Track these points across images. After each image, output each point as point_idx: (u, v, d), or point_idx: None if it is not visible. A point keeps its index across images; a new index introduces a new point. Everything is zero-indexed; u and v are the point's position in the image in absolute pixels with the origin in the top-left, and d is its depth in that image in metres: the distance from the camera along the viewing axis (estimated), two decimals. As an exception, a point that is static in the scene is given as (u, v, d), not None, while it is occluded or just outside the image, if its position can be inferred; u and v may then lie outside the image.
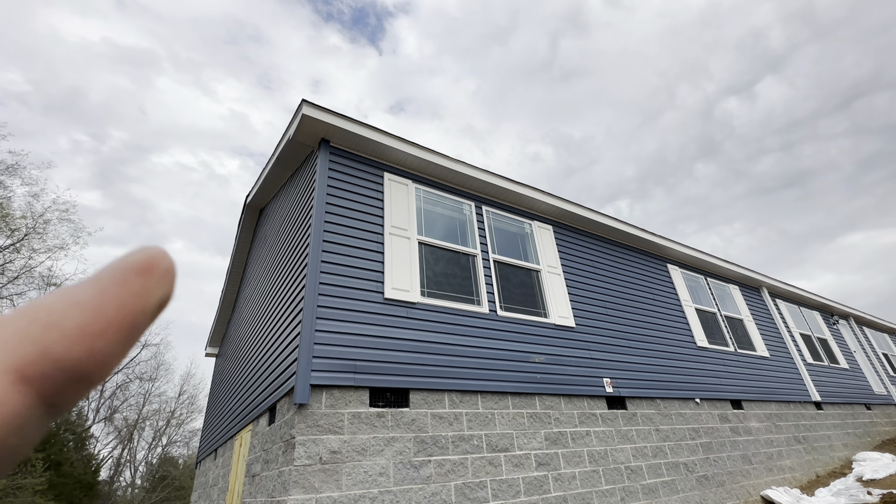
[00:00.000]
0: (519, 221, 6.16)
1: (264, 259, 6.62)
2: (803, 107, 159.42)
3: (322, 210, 4.36)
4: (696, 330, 7.41)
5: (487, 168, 5.98)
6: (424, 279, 4.71)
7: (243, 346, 6.98)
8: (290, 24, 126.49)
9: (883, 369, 12.49)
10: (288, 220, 5.49)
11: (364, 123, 4.90)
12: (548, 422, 4.66)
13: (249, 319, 6.93)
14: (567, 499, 4.31)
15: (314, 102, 4.63)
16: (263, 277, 6.40)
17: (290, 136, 4.86)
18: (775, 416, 7.52)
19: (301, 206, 4.98)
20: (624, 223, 7.32)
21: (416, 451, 3.74)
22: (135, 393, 22.98)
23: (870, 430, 9.81)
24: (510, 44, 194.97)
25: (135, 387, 22.81)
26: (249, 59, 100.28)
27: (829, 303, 12.01)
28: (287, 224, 5.48)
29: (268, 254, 6.39)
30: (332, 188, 4.59)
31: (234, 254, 8.58)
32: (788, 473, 6.90)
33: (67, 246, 16.29)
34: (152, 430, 24.28)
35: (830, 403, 9.16)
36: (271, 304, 5.39)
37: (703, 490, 5.50)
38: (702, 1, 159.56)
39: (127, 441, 22.62)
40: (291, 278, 4.65)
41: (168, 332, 46.04)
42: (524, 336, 5.04)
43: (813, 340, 10.38)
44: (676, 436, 5.74)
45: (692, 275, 8.48)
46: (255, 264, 7.54)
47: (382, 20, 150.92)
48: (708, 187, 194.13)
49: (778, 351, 8.91)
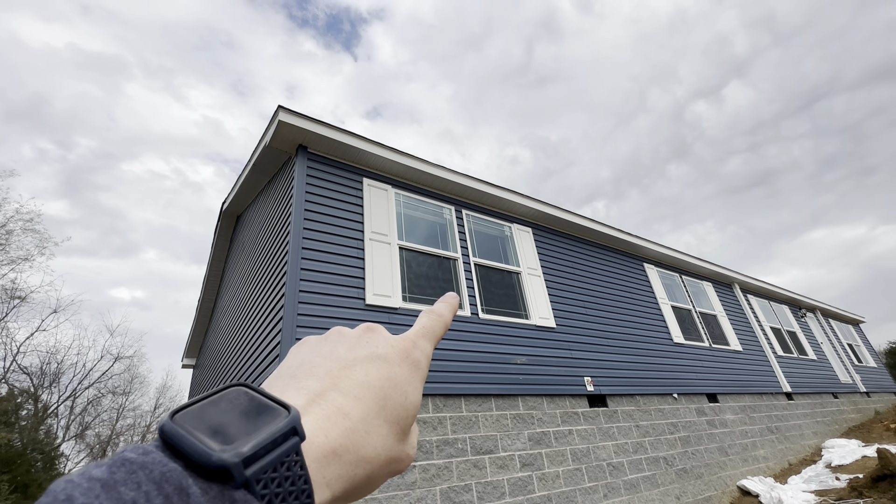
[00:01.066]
0: (499, 224, 6.23)
1: (242, 267, 6.50)
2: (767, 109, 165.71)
3: (301, 217, 4.32)
4: (673, 327, 7.62)
5: (467, 172, 6.06)
6: (406, 284, 4.71)
7: (222, 356, 6.83)
8: (263, 30, 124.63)
9: (848, 359, 13.07)
10: (266, 227, 5.41)
11: (342, 129, 4.88)
12: (531, 422, 4.72)
13: (228, 329, 6.79)
14: (551, 498, 4.37)
15: (290, 108, 4.58)
16: (242, 286, 6.28)
17: (267, 142, 4.80)
18: (749, 408, 7.78)
19: (279, 213, 4.92)
20: (601, 224, 7.47)
21: (400, 457, 3.73)
22: (107, 408, 22.12)
23: (837, 417, 10.25)
24: (485, 49, 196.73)
25: (107, 401, 21.97)
26: (222, 65, 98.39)
27: (797, 297, 12.50)
28: (265, 231, 5.40)
29: (246, 261, 6.27)
30: (311, 194, 4.55)
31: (211, 262, 8.39)
32: (763, 463, 7.14)
33: (32, 257, 15.64)
34: (127, 446, 23.40)
35: (800, 394, 9.52)
36: (250, 312, 5.29)
37: (682, 483, 5.64)
38: (670, 7, 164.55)
39: (100, 458, 21.72)
40: (271, 286, 4.59)
41: (142, 343, 44.57)
42: (506, 338, 5.09)
43: (783, 333, 10.79)
44: (656, 431, 5.88)
45: (668, 273, 8.71)
46: (232, 272, 7.39)
47: (357, 26, 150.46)
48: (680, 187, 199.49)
49: (750, 345, 9.23)
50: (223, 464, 0.19)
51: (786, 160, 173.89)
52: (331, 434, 0.25)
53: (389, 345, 0.32)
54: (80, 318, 37.75)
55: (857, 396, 11.97)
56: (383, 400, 0.28)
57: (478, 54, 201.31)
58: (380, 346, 0.32)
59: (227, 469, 0.19)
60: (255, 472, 0.20)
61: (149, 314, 43.93)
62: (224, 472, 0.19)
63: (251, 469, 0.20)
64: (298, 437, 0.22)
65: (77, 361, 20.50)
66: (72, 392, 19.84)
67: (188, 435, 0.20)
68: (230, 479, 0.19)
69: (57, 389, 19.50)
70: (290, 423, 0.22)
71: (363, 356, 0.30)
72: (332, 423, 0.25)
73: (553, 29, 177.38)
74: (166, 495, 0.17)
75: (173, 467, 0.18)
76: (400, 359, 0.31)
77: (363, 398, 0.28)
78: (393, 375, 0.30)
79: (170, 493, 0.17)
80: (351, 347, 0.31)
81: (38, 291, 16.69)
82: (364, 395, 0.28)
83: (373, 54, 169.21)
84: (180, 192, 64.20)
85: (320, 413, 0.25)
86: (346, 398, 0.27)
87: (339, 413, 0.26)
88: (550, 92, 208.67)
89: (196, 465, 0.19)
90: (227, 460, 0.19)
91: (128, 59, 63.55)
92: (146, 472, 0.17)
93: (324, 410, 0.26)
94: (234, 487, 0.19)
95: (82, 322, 39.58)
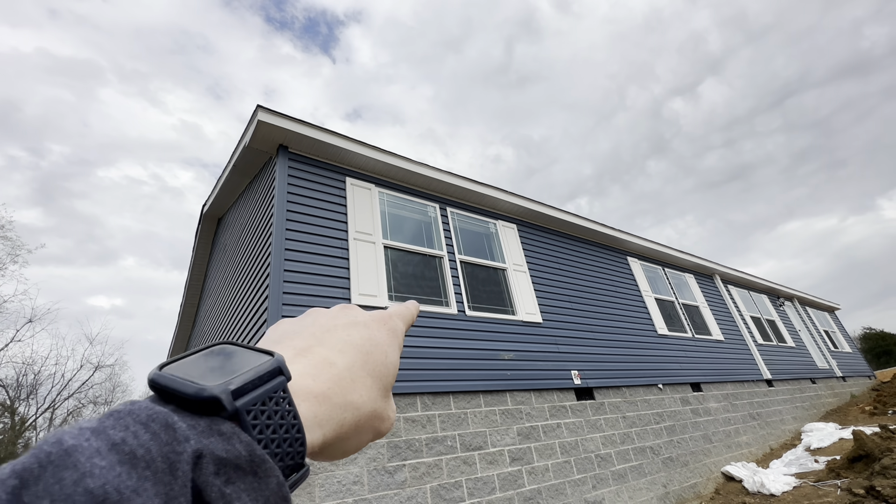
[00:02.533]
0: (484, 221, 6.24)
1: (225, 270, 6.39)
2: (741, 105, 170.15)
3: (283, 217, 4.27)
4: (657, 318, 7.75)
5: (450, 170, 6.07)
6: (392, 283, 4.69)
7: (206, 362, 6.71)
8: (240, 34, 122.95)
9: (825, 345, 13.48)
10: (248, 228, 5.33)
11: (323, 128, 4.83)
12: (519, 417, 4.75)
13: (212, 332, 6.67)
14: (541, 491, 4.41)
15: (270, 108, 4.52)
16: (225, 289, 6.18)
17: (247, 142, 4.72)
18: (731, 396, 7.97)
19: (261, 215, 4.84)
20: (585, 219, 7.55)
21: (389, 457, 3.72)
22: (89, 419, 21.59)
23: (815, 402, 10.57)
24: (466, 49, 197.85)
25: (89, 412, 21.42)
26: (199, 69, 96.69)
27: (776, 286, 12.84)
28: (247, 233, 5.32)
29: (228, 264, 6.17)
30: (293, 195, 4.49)
31: (193, 266, 8.23)
32: (745, 449, 7.32)
33: (4, 265, 15.14)
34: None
35: (780, 380, 9.79)
36: (234, 315, 5.21)
37: (668, 471, 5.75)
38: (645, 7, 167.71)
39: (82, 470, 21.16)
40: (254, 288, 4.52)
41: (123, 351, 43.56)
42: (493, 334, 5.11)
43: (762, 322, 11.07)
44: (642, 421, 5.98)
45: (651, 266, 8.85)
46: (215, 276, 7.26)
47: (334, 29, 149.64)
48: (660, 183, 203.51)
49: (731, 334, 9.45)
50: (213, 395, 0.20)
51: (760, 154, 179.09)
52: (319, 378, 0.27)
53: (367, 314, 0.36)
54: (57, 328, 36.73)
55: (834, 381, 12.36)
56: (366, 356, 0.31)
57: (458, 55, 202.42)
58: (358, 315, 0.35)
59: (218, 400, 0.20)
60: (245, 403, 0.21)
61: (130, 322, 42.93)
62: (214, 406, 0.20)
63: (241, 400, 0.21)
64: (284, 377, 0.24)
65: (55, 372, 19.95)
66: (51, 403, 19.29)
67: (178, 378, 0.21)
68: (221, 411, 0.20)
69: (35, 401, 18.94)
70: (274, 363, 0.24)
71: (343, 322, 0.33)
72: (318, 369, 0.27)
73: (532, 28, 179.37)
74: (153, 432, 0.18)
75: (160, 409, 0.19)
76: (378, 325, 0.34)
77: (347, 352, 0.30)
78: (373, 336, 0.33)
79: (157, 430, 0.18)
80: (331, 318, 0.34)
81: (12, 301, 16.17)
82: (347, 349, 0.30)
83: (351, 57, 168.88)
84: (159, 197, 62.94)
85: (307, 362, 0.28)
86: (330, 351, 0.29)
87: (326, 362, 0.28)
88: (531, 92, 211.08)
89: (187, 402, 0.20)
90: (216, 392, 0.20)
91: (101, 64, 61.96)
92: (133, 416, 0.18)
93: (310, 360, 0.28)
94: (224, 419, 0.20)
95: (60, 332, 38.48)
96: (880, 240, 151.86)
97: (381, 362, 0.32)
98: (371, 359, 0.31)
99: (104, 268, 45.31)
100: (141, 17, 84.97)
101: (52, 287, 35.73)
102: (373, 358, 0.31)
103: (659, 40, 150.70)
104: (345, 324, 0.33)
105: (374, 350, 0.32)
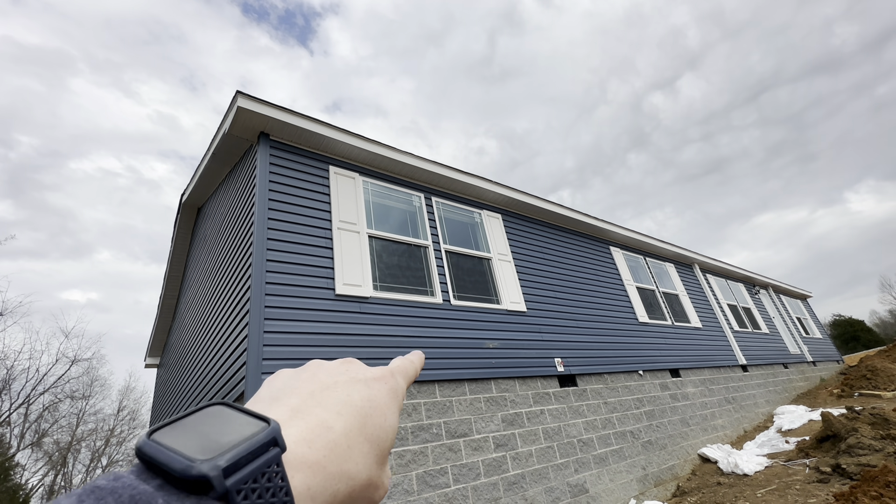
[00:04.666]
0: (469, 211, 6.25)
1: (205, 261, 6.26)
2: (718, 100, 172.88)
3: (265, 207, 4.19)
4: (638, 307, 7.91)
5: (435, 159, 6.06)
6: (377, 273, 4.67)
7: (188, 353, 6.61)
8: (216, 24, 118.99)
9: (797, 331, 13.99)
10: (229, 218, 5.22)
11: (305, 115, 4.73)
12: (504, 404, 4.82)
13: (193, 325, 6.56)
14: (525, 476, 4.50)
15: (250, 94, 4.41)
16: (205, 280, 6.06)
17: (227, 129, 4.60)
18: (708, 381, 8.22)
19: (242, 204, 4.75)
20: (569, 209, 7.62)
21: (375, 445, 3.74)
22: (66, 413, 21.06)
23: (787, 386, 10.99)
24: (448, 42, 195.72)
25: (66, 406, 20.91)
26: (174, 59, 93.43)
27: (752, 275, 13.22)
28: (228, 223, 5.21)
29: (208, 255, 6.05)
30: (275, 183, 4.41)
31: (172, 258, 8.04)
32: (721, 431, 7.59)
33: (-28, 257, 14.54)
34: (89, 452, 22.41)
35: (754, 365, 10.14)
36: (216, 307, 5.13)
37: (647, 454, 5.93)
38: (626, 2, 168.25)
39: (60, 466, 20.75)
40: (236, 279, 4.45)
41: (100, 345, 42.52)
42: (478, 323, 5.15)
43: (738, 310, 11.41)
44: (623, 407, 6.14)
45: (633, 255, 9.01)
46: (195, 267, 7.11)
47: (311, 21, 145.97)
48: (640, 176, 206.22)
49: (709, 321, 9.72)
50: (203, 475, 0.19)
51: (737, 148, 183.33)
52: (314, 445, 0.25)
53: (369, 371, 0.34)
54: (30, 322, 35.61)
55: (805, 366, 12.86)
56: (364, 419, 0.29)
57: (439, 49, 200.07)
58: (359, 372, 0.33)
59: (208, 480, 0.19)
60: (236, 482, 0.20)
61: (107, 316, 41.81)
62: (204, 485, 0.19)
63: (231, 479, 0.20)
64: (279, 448, 0.22)
65: (29, 366, 19.40)
66: (25, 398, 18.75)
67: (166, 450, 0.20)
68: (210, 490, 0.19)
69: (8, 396, 18.39)
70: (269, 434, 0.22)
71: (344, 380, 0.31)
72: (315, 434, 0.26)
73: (515, 21, 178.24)
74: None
75: (144, 489, 0.18)
76: (379, 384, 0.33)
77: (345, 414, 0.28)
78: (373, 397, 0.31)
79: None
80: (331, 373, 0.32)
81: (-19, 294, 15.57)
82: (346, 411, 0.28)
83: (329, 49, 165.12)
84: (135, 190, 61.03)
85: (303, 425, 0.26)
86: (328, 413, 0.28)
87: (323, 426, 0.26)
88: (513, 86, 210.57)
89: (176, 480, 0.19)
90: (206, 471, 0.19)
91: (71, 54, 59.39)
92: (115, 496, 0.17)
93: (307, 423, 0.26)
94: (213, 499, 0.19)
95: (33, 326, 37.33)
96: (847, 231, 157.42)
97: (379, 426, 0.30)
98: (370, 422, 0.29)
99: (78, 262, 43.94)
100: (110, 5, 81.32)
101: (24, 281, 34.53)
102: (371, 421, 0.29)
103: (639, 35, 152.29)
104: (345, 381, 0.31)
105: (373, 413, 0.30)
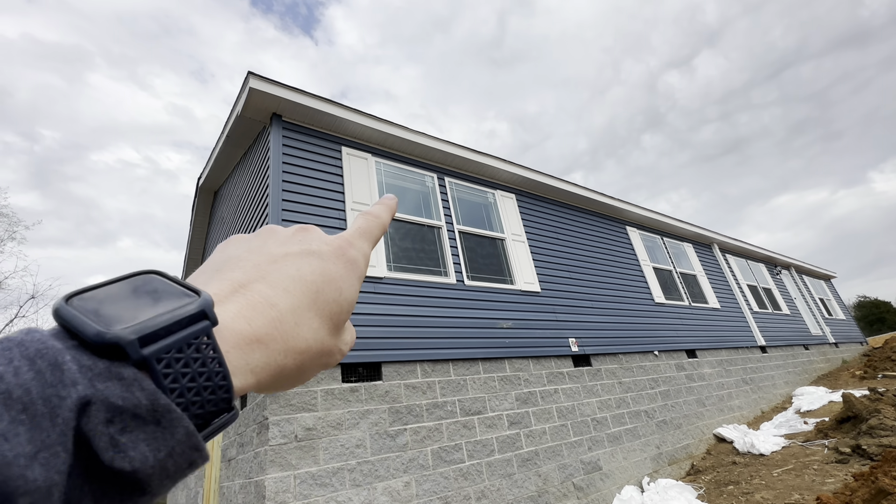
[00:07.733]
0: (482, 191, 6.19)
1: (223, 243, 6.37)
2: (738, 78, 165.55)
3: (279, 188, 4.22)
4: (654, 287, 7.81)
5: (448, 139, 5.95)
6: (391, 254, 4.69)
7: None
8: (224, 16, 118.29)
9: (819, 313, 13.67)
10: (244, 200, 5.28)
11: (317, 96, 4.71)
12: (518, 383, 4.85)
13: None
14: (538, 453, 4.56)
15: (261, 75, 4.39)
16: (223, 262, 6.18)
17: (239, 111, 4.61)
18: (726, 362, 8.13)
19: (257, 185, 4.79)
20: (584, 188, 7.49)
21: (391, 422, 3.83)
22: None
23: (807, 367, 10.80)
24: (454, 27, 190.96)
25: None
26: (186, 52, 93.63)
27: (773, 255, 12.89)
28: (244, 204, 5.27)
29: (226, 237, 6.14)
30: (288, 164, 4.43)
31: (191, 241, 8.21)
32: (737, 412, 7.54)
33: (3, 242, 15.12)
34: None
35: (774, 347, 9.98)
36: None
37: (662, 433, 5.94)
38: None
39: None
40: (252, 261, 4.52)
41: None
42: (492, 303, 5.16)
43: (758, 290, 11.17)
44: (637, 387, 6.13)
45: (649, 235, 8.85)
46: (213, 249, 7.25)
47: (314, 10, 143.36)
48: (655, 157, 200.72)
49: (728, 302, 9.55)
50: (116, 340, 0.18)
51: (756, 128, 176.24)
52: (255, 322, 0.24)
53: (324, 242, 0.31)
54: (59, 305, 36.95)
55: (827, 347, 12.60)
56: (315, 294, 0.28)
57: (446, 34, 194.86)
58: (313, 243, 0.31)
59: (122, 346, 0.18)
60: (155, 350, 0.19)
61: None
62: (119, 351, 0.18)
63: (149, 348, 0.19)
64: (209, 322, 0.21)
65: (61, 346, 20.28)
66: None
67: (82, 315, 0.19)
68: (125, 358, 0.18)
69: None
70: (198, 307, 0.21)
71: (296, 252, 0.29)
72: (256, 311, 0.25)
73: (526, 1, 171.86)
74: (38, 370, 0.16)
75: (52, 345, 0.17)
76: (335, 256, 0.31)
77: (293, 291, 0.27)
78: (327, 271, 0.29)
79: (42, 369, 0.16)
80: (282, 244, 0.30)
81: (13, 277, 16.20)
82: (294, 288, 0.27)
83: (334, 38, 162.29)
84: (154, 180, 62.13)
85: (244, 301, 0.25)
86: (274, 290, 0.26)
87: (266, 303, 0.25)
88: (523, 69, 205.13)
89: (90, 345, 0.18)
90: (121, 336, 0.18)
91: (88, 49, 59.99)
92: (21, 348, 0.17)
93: (248, 300, 0.25)
94: (128, 364, 0.18)
95: (63, 308, 38.81)
96: (871, 212, 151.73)
97: (333, 300, 0.29)
98: (322, 297, 0.28)
99: (103, 249, 45.30)
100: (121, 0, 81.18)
101: (53, 268, 35.80)
102: (324, 297, 0.28)
103: (655, 11, 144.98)
104: (297, 253, 0.29)
105: (326, 287, 0.28)
